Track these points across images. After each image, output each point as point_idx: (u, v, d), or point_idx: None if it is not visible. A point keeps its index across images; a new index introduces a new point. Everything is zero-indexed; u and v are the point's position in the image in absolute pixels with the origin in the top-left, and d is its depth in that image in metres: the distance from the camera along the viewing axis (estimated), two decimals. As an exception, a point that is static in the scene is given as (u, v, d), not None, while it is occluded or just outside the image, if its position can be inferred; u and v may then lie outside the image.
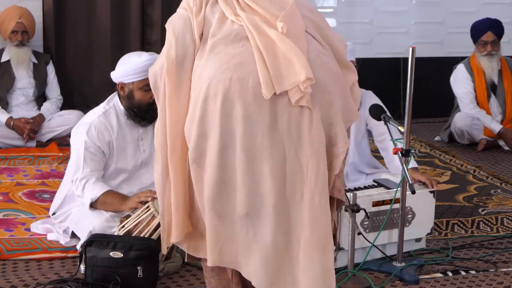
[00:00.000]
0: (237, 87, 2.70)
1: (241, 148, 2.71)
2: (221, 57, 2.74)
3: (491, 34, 6.61)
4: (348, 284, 3.83)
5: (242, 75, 2.71)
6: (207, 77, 2.74)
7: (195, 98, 2.76)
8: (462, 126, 6.62)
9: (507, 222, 4.83)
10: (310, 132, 2.73)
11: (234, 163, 2.72)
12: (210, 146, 2.74)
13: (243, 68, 2.72)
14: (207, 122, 2.73)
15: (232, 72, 2.71)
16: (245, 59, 2.73)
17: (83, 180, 4.07)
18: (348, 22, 7.53)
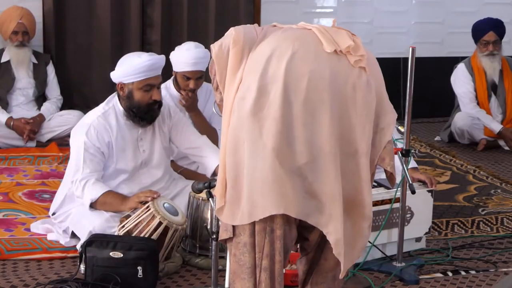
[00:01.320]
0: (300, 48, 2.87)
1: (303, 100, 2.83)
2: (279, 34, 2.94)
3: (493, 34, 6.61)
4: (348, 284, 3.83)
5: (305, 41, 2.91)
6: (269, 45, 2.88)
7: (253, 62, 2.87)
8: (462, 126, 6.62)
9: (507, 222, 4.83)
10: (365, 95, 2.93)
11: (295, 114, 2.83)
12: (272, 99, 2.82)
13: (305, 37, 2.93)
14: (268, 77, 2.83)
15: (294, 41, 2.90)
16: (305, 35, 2.94)
17: (83, 181, 4.06)
18: (348, 22, 7.52)
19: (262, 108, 2.83)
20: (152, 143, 4.29)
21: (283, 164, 2.82)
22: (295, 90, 2.83)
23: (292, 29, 2.99)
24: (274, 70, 2.84)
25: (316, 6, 7.50)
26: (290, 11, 7.37)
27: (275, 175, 2.82)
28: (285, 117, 2.82)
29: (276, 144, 2.81)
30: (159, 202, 3.89)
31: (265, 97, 2.83)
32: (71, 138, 4.26)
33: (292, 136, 2.83)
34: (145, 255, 3.67)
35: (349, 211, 2.90)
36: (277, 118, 2.81)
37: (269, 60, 2.86)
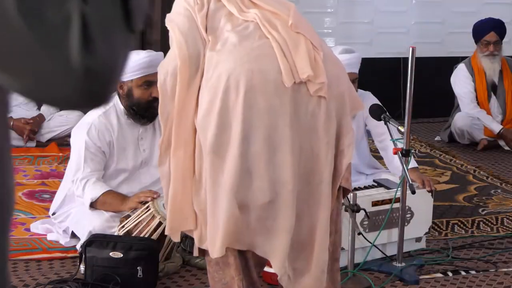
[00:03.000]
0: (258, 79, 2.78)
1: (264, 138, 2.78)
2: (239, 50, 2.81)
3: (494, 34, 6.61)
4: (348, 284, 3.83)
5: (263, 67, 2.80)
6: (227, 69, 2.79)
7: (212, 89, 2.80)
8: (462, 126, 6.62)
9: (507, 222, 4.82)
10: (325, 123, 2.86)
11: (256, 152, 2.79)
12: (232, 136, 2.78)
13: (263, 60, 2.81)
14: (228, 113, 2.78)
15: (253, 64, 2.79)
16: (265, 52, 2.82)
17: (83, 180, 4.07)
18: (348, 22, 7.53)
19: (222, 144, 2.79)
20: (153, 142, 4.29)
21: (241, 203, 2.82)
22: (255, 127, 2.78)
23: (249, 40, 2.84)
24: (233, 103, 2.77)
25: (316, 6, 7.50)
26: (290, 11, 7.37)
27: (229, 214, 2.81)
28: (245, 155, 2.78)
29: (235, 183, 2.79)
30: (159, 202, 3.88)
31: (225, 134, 2.79)
32: (71, 138, 4.26)
33: (253, 175, 2.80)
34: (145, 255, 3.67)
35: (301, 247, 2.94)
36: (237, 157, 2.77)
37: (227, 91, 2.77)
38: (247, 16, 2.88)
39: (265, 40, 2.84)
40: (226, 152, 2.79)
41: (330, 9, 7.54)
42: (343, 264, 4.00)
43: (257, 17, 2.86)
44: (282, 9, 2.92)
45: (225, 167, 2.79)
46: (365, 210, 3.95)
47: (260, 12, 2.88)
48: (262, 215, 2.85)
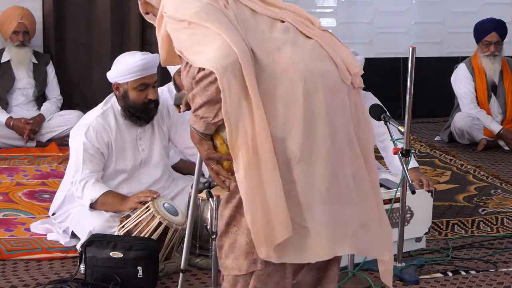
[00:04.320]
0: (328, 79, 2.76)
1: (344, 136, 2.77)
2: (300, 52, 2.75)
3: (495, 34, 6.60)
4: (348, 284, 3.83)
5: (327, 67, 2.77)
6: (299, 71, 2.70)
7: (287, 96, 2.67)
8: (462, 126, 6.62)
9: (507, 222, 4.83)
10: (364, 112, 2.92)
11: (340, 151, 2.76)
12: (319, 141, 2.71)
13: (324, 61, 2.78)
14: (313, 118, 2.70)
15: (320, 65, 2.76)
16: (321, 52, 2.79)
17: (82, 182, 4.07)
18: (348, 22, 7.53)
19: (311, 151, 2.70)
20: (151, 142, 4.29)
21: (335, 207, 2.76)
22: (336, 127, 2.74)
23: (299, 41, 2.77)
24: (316, 107, 2.69)
25: (316, 6, 7.50)
26: (290, 11, 7.37)
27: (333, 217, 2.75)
28: (332, 157, 2.74)
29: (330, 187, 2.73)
30: (159, 202, 3.89)
31: (311, 140, 2.69)
32: (70, 139, 4.26)
33: (339, 174, 2.76)
34: (145, 255, 3.67)
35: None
36: (327, 160, 2.71)
37: (308, 96, 2.68)
38: (274, 15, 2.81)
39: (311, 40, 2.81)
40: (316, 158, 2.70)
41: (330, 9, 7.54)
42: (343, 264, 4.00)
43: (289, 17, 2.82)
44: (292, 7, 2.90)
45: (317, 173, 2.70)
46: (365, 210, 3.95)
47: (283, 11, 2.84)
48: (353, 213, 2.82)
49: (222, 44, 2.61)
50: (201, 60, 2.64)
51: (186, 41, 2.71)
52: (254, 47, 2.69)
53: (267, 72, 2.68)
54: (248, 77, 2.61)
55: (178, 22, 2.73)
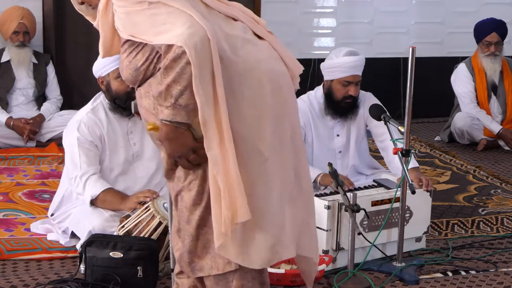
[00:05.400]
0: (284, 79, 2.76)
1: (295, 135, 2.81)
2: (258, 51, 2.72)
3: (495, 35, 6.60)
4: (348, 284, 3.83)
5: (280, 69, 2.77)
6: (264, 71, 2.68)
7: (254, 94, 2.65)
8: (462, 126, 6.62)
9: (507, 222, 4.82)
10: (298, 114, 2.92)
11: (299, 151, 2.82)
12: (286, 141, 2.73)
13: (277, 62, 2.78)
14: (279, 116, 2.70)
15: (276, 66, 2.75)
16: (273, 54, 2.78)
17: (83, 177, 4.06)
18: (348, 22, 7.53)
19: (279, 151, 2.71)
20: (143, 135, 4.27)
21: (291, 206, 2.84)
22: (294, 126, 2.81)
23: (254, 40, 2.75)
24: (281, 104, 2.71)
25: (316, 6, 7.50)
26: (290, 11, 7.38)
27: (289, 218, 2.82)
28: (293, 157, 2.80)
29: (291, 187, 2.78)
30: (159, 202, 3.88)
31: (278, 138, 2.71)
32: (63, 139, 4.26)
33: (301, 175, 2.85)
34: (145, 255, 3.67)
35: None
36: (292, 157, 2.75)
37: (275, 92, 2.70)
38: (226, 11, 2.74)
39: (265, 41, 2.79)
40: (282, 157, 2.72)
41: (330, 9, 7.54)
42: (343, 264, 4.00)
43: (238, 15, 2.77)
44: (238, 5, 2.85)
45: (282, 173, 2.71)
46: (365, 210, 3.95)
47: (233, 9, 2.78)
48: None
49: (189, 21, 2.51)
50: (168, 37, 2.50)
51: (144, 23, 2.57)
52: (220, 41, 2.61)
53: (232, 69, 2.61)
54: (214, 54, 2.52)
55: (134, 5, 2.59)
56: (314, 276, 2.99)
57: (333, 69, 4.53)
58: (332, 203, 3.98)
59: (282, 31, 7.32)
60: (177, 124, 2.57)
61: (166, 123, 2.57)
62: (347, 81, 4.51)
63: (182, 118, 2.55)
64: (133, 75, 2.65)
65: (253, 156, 2.64)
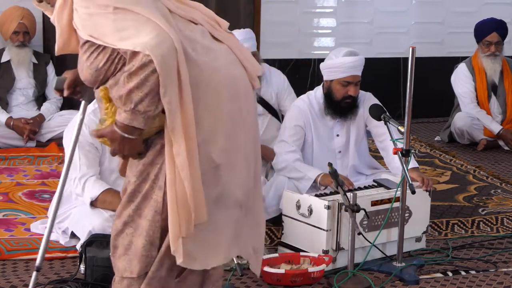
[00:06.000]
0: (241, 84, 2.75)
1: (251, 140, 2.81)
2: (217, 57, 2.71)
3: (496, 35, 6.60)
4: (348, 284, 3.83)
5: (239, 73, 2.76)
6: (222, 78, 2.68)
7: (210, 101, 2.65)
8: (462, 126, 6.62)
9: (507, 222, 4.82)
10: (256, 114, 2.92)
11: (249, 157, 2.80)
12: (239, 147, 2.72)
13: (235, 67, 2.76)
14: (235, 122, 2.70)
15: (234, 72, 2.74)
16: (231, 59, 2.76)
17: (82, 179, 4.06)
18: (348, 22, 7.53)
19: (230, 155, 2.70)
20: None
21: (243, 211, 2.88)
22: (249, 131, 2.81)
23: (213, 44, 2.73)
24: (238, 112, 2.71)
25: (316, 6, 7.50)
26: (290, 11, 7.38)
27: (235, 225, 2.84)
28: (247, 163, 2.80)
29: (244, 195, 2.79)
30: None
31: (233, 143, 2.70)
32: (64, 139, 4.25)
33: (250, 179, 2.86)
34: (145, 255, 3.67)
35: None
36: (244, 166, 2.75)
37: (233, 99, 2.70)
38: (186, 15, 2.73)
39: (223, 45, 2.77)
40: (235, 164, 2.72)
41: (330, 9, 7.54)
42: (343, 264, 4.00)
43: (199, 17, 2.76)
44: (200, 6, 2.84)
45: (234, 179, 2.71)
46: (365, 210, 3.95)
47: (194, 11, 2.77)
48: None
49: (156, 29, 2.52)
50: (134, 44, 2.50)
51: (107, 26, 2.56)
52: (184, 43, 2.61)
53: (191, 76, 2.61)
54: (181, 63, 2.54)
55: (97, 7, 2.57)
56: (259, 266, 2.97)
57: (333, 69, 4.52)
58: (332, 203, 3.98)
59: (282, 31, 7.33)
60: (132, 129, 2.59)
61: (121, 125, 2.59)
62: (347, 81, 4.50)
63: (139, 124, 2.58)
64: (94, 76, 2.64)
65: (204, 162, 2.64)
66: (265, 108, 5.28)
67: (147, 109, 2.54)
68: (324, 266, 3.87)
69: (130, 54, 2.51)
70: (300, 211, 4.11)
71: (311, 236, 4.06)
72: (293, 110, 4.67)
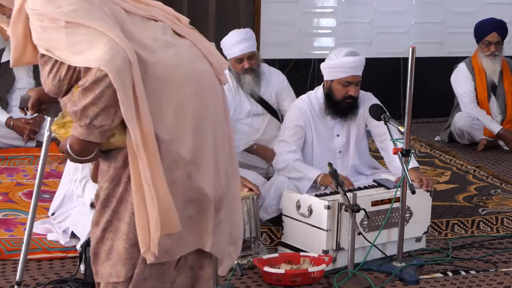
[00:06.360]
0: (206, 79, 2.72)
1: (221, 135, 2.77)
2: (179, 53, 2.69)
3: (496, 35, 6.60)
4: (348, 284, 3.83)
5: (203, 68, 2.73)
6: (184, 74, 2.65)
7: (173, 98, 2.62)
8: (462, 126, 6.62)
9: (507, 222, 4.82)
10: (228, 111, 2.88)
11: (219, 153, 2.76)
12: (207, 143, 2.69)
13: (200, 62, 2.74)
14: (201, 118, 2.67)
15: (199, 67, 2.71)
16: (195, 53, 2.74)
17: (83, 181, 4.07)
18: (348, 22, 7.53)
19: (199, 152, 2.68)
20: None
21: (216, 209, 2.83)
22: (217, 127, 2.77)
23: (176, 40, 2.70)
24: (203, 108, 2.67)
25: (316, 6, 7.50)
26: (290, 11, 7.38)
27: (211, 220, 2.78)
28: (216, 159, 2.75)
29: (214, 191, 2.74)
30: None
31: (201, 139, 2.67)
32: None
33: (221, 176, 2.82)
34: (145, 255, 3.67)
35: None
36: (212, 165, 2.72)
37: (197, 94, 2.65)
38: (145, 14, 2.71)
39: (186, 40, 2.75)
40: (203, 160, 2.68)
41: (330, 9, 7.54)
42: (343, 264, 4.00)
43: (158, 14, 2.74)
44: (159, 4, 2.82)
45: (203, 175, 2.68)
46: (365, 210, 3.95)
47: (152, 9, 2.74)
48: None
49: (110, 43, 2.49)
50: (87, 59, 2.47)
51: (60, 41, 2.52)
52: (136, 48, 2.58)
53: (153, 74, 2.59)
54: (136, 76, 2.52)
55: (50, 20, 2.53)
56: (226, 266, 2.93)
57: (333, 69, 4.52)
58: (332, 203, 3.99)
59: (282, 31, 7.33)
60: (88, 143, 2.57)
61: (77, 139, 2.58)
62: (347, 81, 4.50)
63: (95, 138, 2.56)
64: (57, 86, 2.60)
65: (174, 159, 2.63)
66: (265, 108, 5.28)
67: (103, 124, 2.52)
68: (324, 266, 3.87)
69: (84, 69, 2.50)
70: (300, 211, 4.11)
71: (311, 236, 4.06)
72: (293, 110, 4.67)
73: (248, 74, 5.11)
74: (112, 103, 2.49)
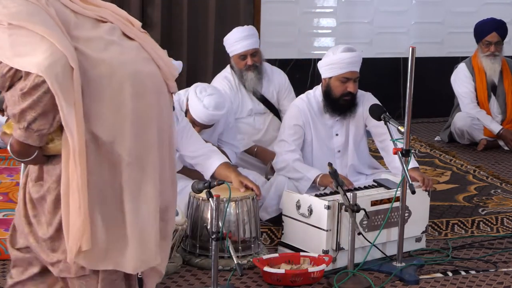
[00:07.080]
0: (152, 82, 2.70)
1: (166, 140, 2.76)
2: (124, 53, 2.68)
3: (495, 35, 6.60)
4: (348, 284, 3.83)
5: (150, 70, 2.72)
6: (127, 74, 2.63)
7: (114, 97, 2.61)
8: (462, 126, 6.62)
9: (507, 222, 4.82)
10: (173, 120, 2.89)
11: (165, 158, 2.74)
12: (150, 145, 2.67)
13: (147, 64, 2.72)
14: (142, 119, 2.65)
15: (144, 68, 2.70)
16: (142, 56, 2.73)
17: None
18: (348, 22, 7.53)
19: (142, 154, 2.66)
20: None
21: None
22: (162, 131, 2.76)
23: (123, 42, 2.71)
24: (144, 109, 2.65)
25: (316, 6, 7.50)
26: (290, 11, 7.38)
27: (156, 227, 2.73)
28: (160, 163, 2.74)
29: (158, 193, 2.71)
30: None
31: (141, 142, 2.66)
32: None
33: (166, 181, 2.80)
34: (145, 255, 3.66)
35: None
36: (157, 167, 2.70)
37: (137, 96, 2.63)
38: (94, 15, 2.71)
39: (134, 42, 2.74)
40: (147, 163, 2.66)
41: (330, 9, 7.54)
42: (343, 264, 4.00)
43: (109, 16, 2.74)
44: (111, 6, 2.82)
45: (147, 178, 2.66)
46: (365, 210, 3.95)
47: (103, 11, 2.74)
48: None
49: (50, 48, 2.49)
50: (28, 63, 2.48)
51: (4, 41, 2.52)
52: (80, 48, 2.58)
53: (95, 74, 2.59)
54: (76, 83, 2.53)
55: None
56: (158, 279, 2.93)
57: (331, 65, 4.52)
58: (332, 203, 3.99)
59: (282, 31, 7.33)
60: (27, 146, 2.62)
61: (16, 140, 2.63)
62: (346, 77, 4.50)
63: (34, 142, 2.60)
64: (0, 81, 2.59)
65: (113, 160, 2.62)
66: (267, 107, 5.29)
67: (41, 128, 2.55)
68: (324, 266, 3.87)
69: (25, 72, 2.50)
70: (300, 211, 4.11)
71: (311, 236, 4.06)
72: (292, 110, 4.68)
73: (251, 71, 5.12)
74: (50, 108, 2.51)
